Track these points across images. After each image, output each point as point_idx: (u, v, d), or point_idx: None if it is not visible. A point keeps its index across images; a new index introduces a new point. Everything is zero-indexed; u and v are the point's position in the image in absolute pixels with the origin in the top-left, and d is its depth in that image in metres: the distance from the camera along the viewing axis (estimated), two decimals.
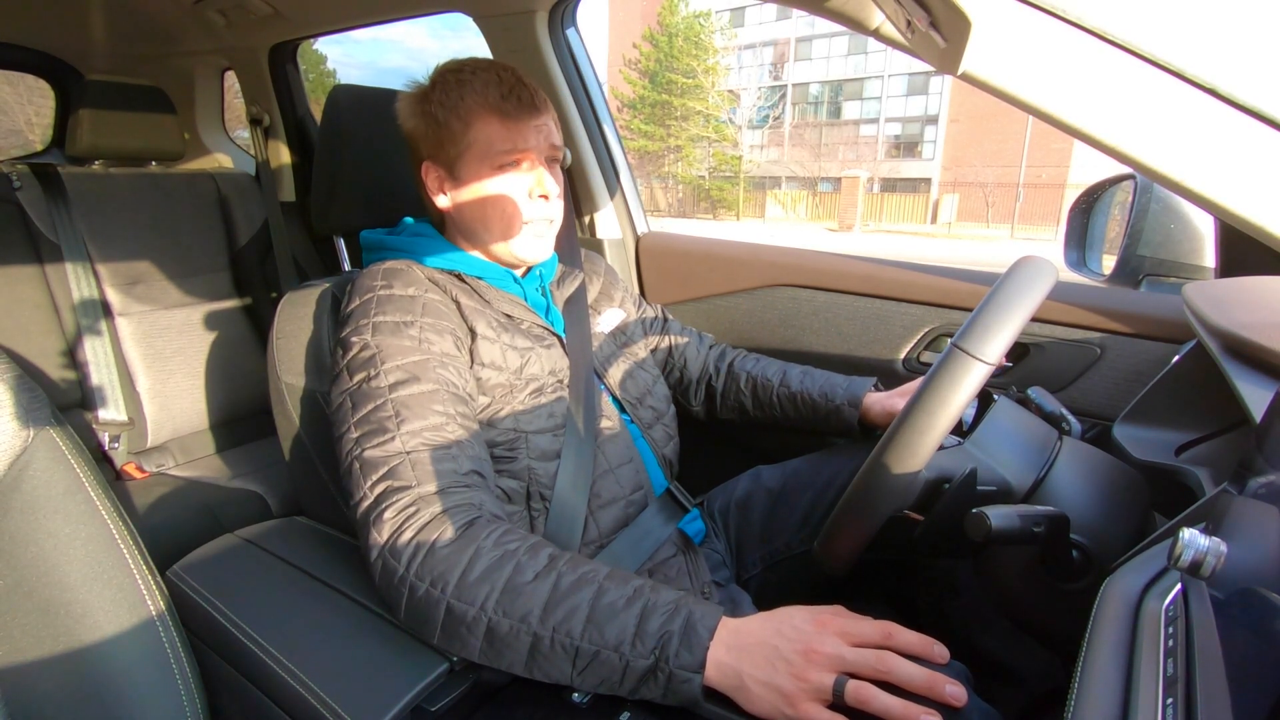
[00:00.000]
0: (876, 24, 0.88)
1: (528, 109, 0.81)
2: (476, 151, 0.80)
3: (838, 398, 0.96)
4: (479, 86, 0.80)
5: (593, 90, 1.35)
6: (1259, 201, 0.50)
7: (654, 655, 0.53)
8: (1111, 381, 0.95)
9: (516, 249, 0.84)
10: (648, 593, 0.57)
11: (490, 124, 0.80)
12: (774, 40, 29.54)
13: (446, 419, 0.68)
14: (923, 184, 27.52)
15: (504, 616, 0.56)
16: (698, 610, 0.55)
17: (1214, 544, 0.32)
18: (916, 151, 28.36)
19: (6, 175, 1.36)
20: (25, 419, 0.58)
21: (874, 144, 28.51)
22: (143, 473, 1.40)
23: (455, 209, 0.85)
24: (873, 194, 26.08)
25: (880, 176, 27.28)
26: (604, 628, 0.55)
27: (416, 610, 0.59)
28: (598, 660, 0.54)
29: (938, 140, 27.46)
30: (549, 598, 0.56)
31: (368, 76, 41.04)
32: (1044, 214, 22.18)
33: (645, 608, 0.55)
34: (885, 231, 22.81)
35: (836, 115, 29.25)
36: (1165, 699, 0.29)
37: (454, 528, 0.60)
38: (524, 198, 0.82)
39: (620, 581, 0.58)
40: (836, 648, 0.52)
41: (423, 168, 0.85)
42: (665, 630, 0.54)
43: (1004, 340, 0.56)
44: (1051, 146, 22.77)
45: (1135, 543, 0.49)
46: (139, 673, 0.60)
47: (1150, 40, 0.45)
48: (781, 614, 0.56)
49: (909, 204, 25.56)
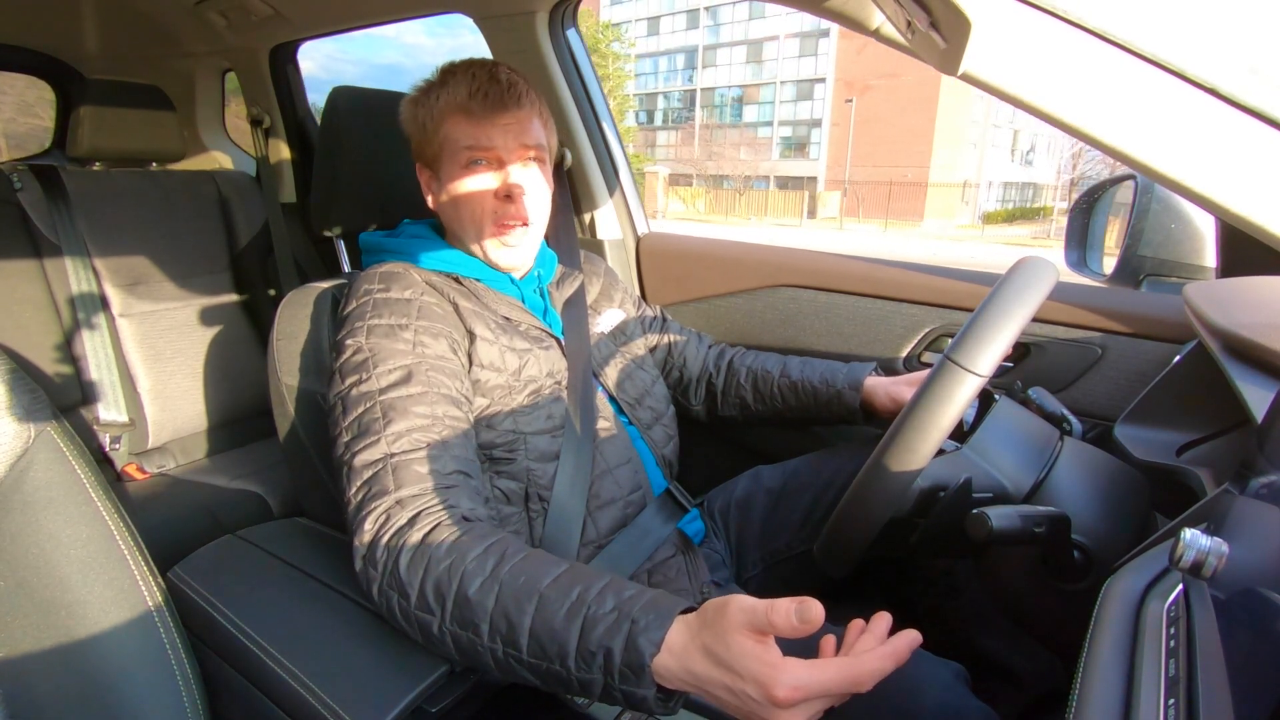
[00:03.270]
0: (876, 24, 0.89)
1: (494, 106, 0.79)
2: (447, 151, 0.81)
3: (839, 383, 0.96)
4: (452, 86, 0.80)
5: (593, 91, 1.35)
6: (1259, 201, 0.50)
7: (601, 673, 0.50)
8: (1112, 382, 0.95)
9: (490, 251, 0.84)
10: (590, 601, 0.52)
11: (457, 122, 0.80)
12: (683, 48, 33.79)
13: (433, 421, 0.67)
14: (809, 181, 31.51)
15: (460, 629, 0.55)
16: (641, 621, 0.49)
17: (1215, 544, 0.32)
18: (805, 152, 32.43)
19: (7, 176, 1.36)
20: (26, 419, 0.58)
21: (769, 144, 33.52)
22: (143, 473, 1.40)
23: (439, 209, 0.86)
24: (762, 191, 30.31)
25: (775, 175, 31.65)
26: (546, 644, 0.51)
27: (396, 619, 0.59)
28: (551, 674, 0.52)
29: (822, 142, 31.57)
30: (492, 611, 0.53)
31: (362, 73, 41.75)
32: (911, 210, 27.64)
33: (586, 620, 0.51)
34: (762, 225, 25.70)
35: (739, 118, 33.41)
36: (1167, 700, 0.29)
37: (422, 535, 0.58)
38: (489, 197, 0.81)
39: (564, 588, 0.53)
40: (807, 713, 0.45)
41: (418, 168, 0.87)
42: (604, 646, 0.49)
43: (996, 352, 0.56)
44: (914, 149, 27.63)
45: (1136, 543, 0.49)
46: (139, 673, 0.60)
47: (1150, 40, 0.45)
48: (727, 667, 0.46)
49: (791, 200, 28.78)
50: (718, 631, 0.47)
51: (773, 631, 0.46)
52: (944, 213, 29.12)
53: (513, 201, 0.81)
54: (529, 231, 0.84)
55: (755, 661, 0.45)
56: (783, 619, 0.45)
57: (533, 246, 0.87)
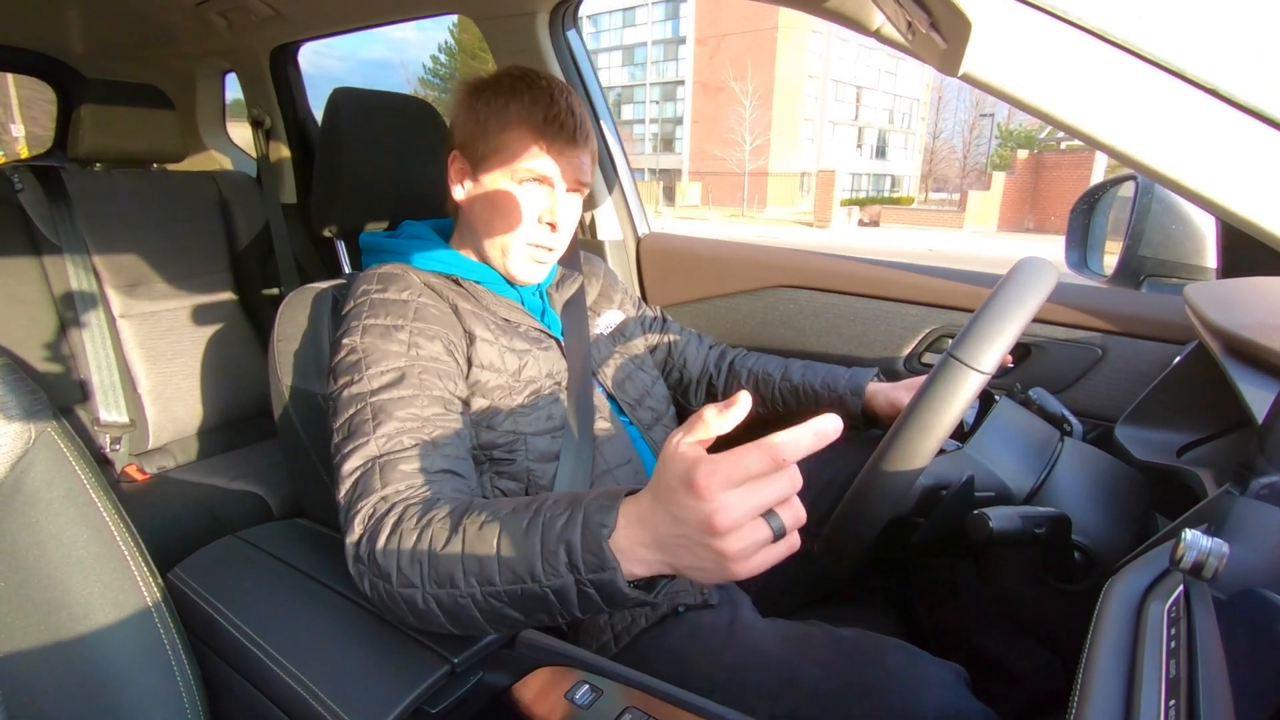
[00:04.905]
0: (877, 25, 0.89)
1: (567, 138, 0.80)
2: (503, 158, 0.81)
3: (840, 387, 0.96)
4: (528, 101, 0.80)
5: (593, 92, 1.35)
6: (1260, 201, 0.50)
7: (568, 571, 0.50)
8: (1113, 382, 0.95)
9: (512, 265, 0.84)
10: (545, 509, 0.52)
11: (525, 138, 0.80)
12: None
13: (423, 423, 0.67)
14: (675, 173, 38.06)
15: (439, 588, 0.55)
16: (592, 506, 0.50)
17: (1216, 545, 0.32)
18: (671, 147, 39.32)
19: (8, 177, 1.36)
20: (27, 420, 0.58)
21: (644, 140, 40.70)
22: (144, 474, 1.40)
23: (468, 204, 0.85)
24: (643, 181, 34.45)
25: (649, 168, 37.87)
26: (515, 565, 0.52)
27: (386, 607, 0.59)
28: (528, 596, 0.52)
29: (684, 138, 37.80)
30: (463, 556, 0.54)
31: (351, 69, 42.51)
32: (756, 200, 33.60)
33: (544, 526, 0.51)
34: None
35: (618, 116, 37.89)
36: (1168, 700, 0.29)
37: (397, 519, 0.59)
38: (532, 219, 0.82)
39: (521, 511, 0.54)
40: (739, 504, 0.43)
41: (451, 155, 0.86)
42: (564, 540, 0.50)
43: (999, 349, 0.56)
44: (757, 145, 32.10)
45: (1137, 544, 0.49)
46: (139, 674, 0.60)
47: (1150, 40, 0.45)
48: (662, 490, 0.46)
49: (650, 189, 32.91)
50: (662, 463, 0.46)
51: (705, 428, 0.45)
52: (785, 200, 33.40)
53: (554, 230, 0.83)
54: (553, 255, 0.86)
55: (679, 463, 0.44)
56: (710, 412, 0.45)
57: (549, 268, 0.89)
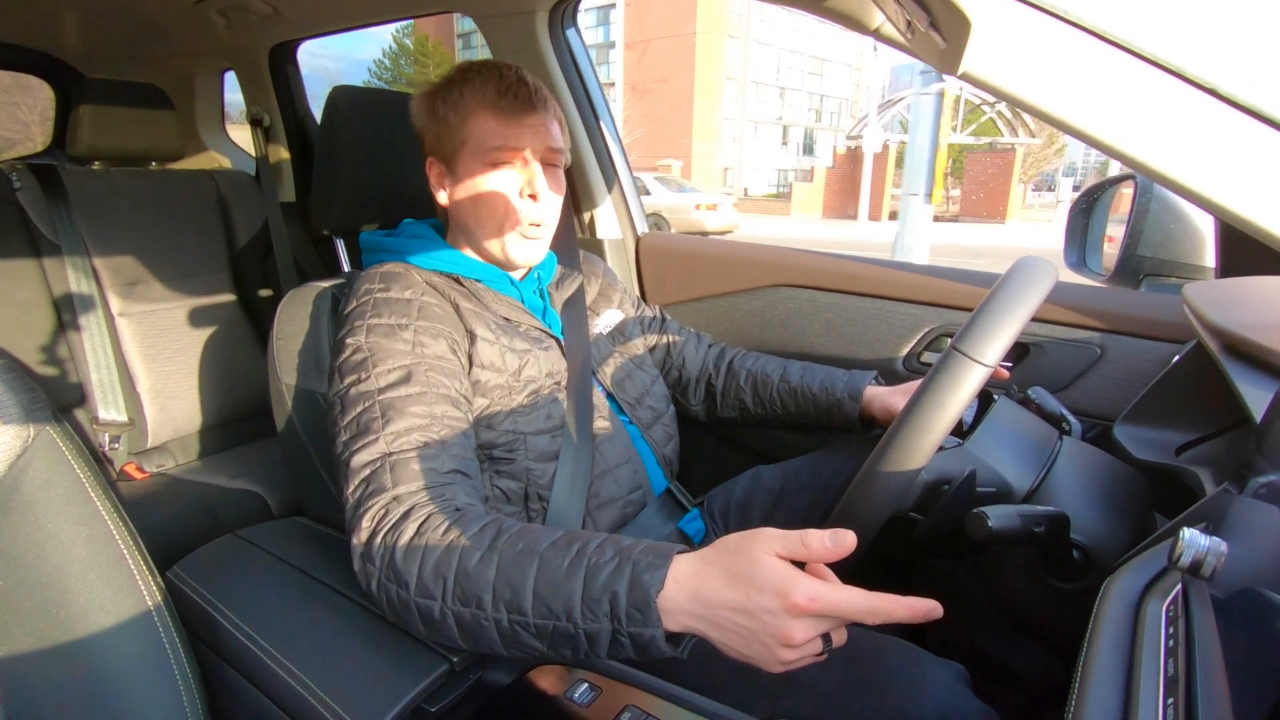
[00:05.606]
0: (876, 24, 0.88)
1: (524, 106, 0.80)
2: (471, 147, 0.81)
3: (838, 391, 0.96)
4: (478, 83, 0.80)
5: (593, 91, 1.35)
6: (1259, 201, 0.50)
7: (607, 620, 0.50)
8: (1112, 381, 0.95)
9: (509, 248, 0.84)
10: (590, 553, 0.53)
11: (485, 120, 0.80)
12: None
13: (431, 421, 0.67)
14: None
15: (462, 606, 0.55)
16: (642, 561, 0.50)
17: (1214, 544, 0.32)
18: None
19: (7, 175, 1.36)
20: (26, 419, 0.58)
21: None
22: (143, 473, 1.40)
23: (453, 205, 0.85)
24: None
25: None
26: (550, 601, 0.52)
27: (395, 612, 0.59)
28: (558, 633, 0.52)
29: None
30: (495, 580, 0.54)
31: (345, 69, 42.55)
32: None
33: (588, 571, 0.51)
34: None
35: None
36: (1166, 699, 0.29)
37: (416, 526, 0.59)
38: (515, 195, 0.82)
39: (562, 548, 0.54)
40: (815, 628, 0.46)
41: (428, 162, 0.86)
42: (610, 590, 0.50)
43: (1003, 343, 0.56)
44: (678, 143, 33.89)
45: (1136, 543, 0.49)
46: (139, 673, 0.60)
47: (1150, 40, 0.45)
48: (747, 581, 0.47)
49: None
50: (744, 551, 0.48)
51: (806, 555, 0.47)
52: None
53: (537, 201, 0.82)
54: (544, 230, 0.85)
55: (778, 574, 0.46)
56: (817, 542, 0.47)
57: (546, 244, 0.88)
